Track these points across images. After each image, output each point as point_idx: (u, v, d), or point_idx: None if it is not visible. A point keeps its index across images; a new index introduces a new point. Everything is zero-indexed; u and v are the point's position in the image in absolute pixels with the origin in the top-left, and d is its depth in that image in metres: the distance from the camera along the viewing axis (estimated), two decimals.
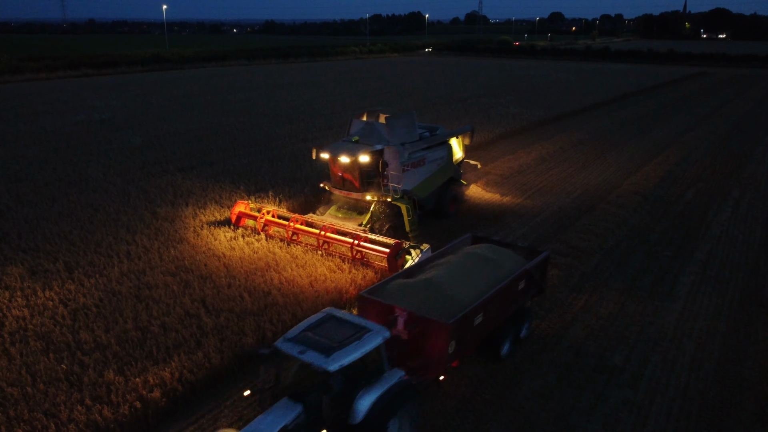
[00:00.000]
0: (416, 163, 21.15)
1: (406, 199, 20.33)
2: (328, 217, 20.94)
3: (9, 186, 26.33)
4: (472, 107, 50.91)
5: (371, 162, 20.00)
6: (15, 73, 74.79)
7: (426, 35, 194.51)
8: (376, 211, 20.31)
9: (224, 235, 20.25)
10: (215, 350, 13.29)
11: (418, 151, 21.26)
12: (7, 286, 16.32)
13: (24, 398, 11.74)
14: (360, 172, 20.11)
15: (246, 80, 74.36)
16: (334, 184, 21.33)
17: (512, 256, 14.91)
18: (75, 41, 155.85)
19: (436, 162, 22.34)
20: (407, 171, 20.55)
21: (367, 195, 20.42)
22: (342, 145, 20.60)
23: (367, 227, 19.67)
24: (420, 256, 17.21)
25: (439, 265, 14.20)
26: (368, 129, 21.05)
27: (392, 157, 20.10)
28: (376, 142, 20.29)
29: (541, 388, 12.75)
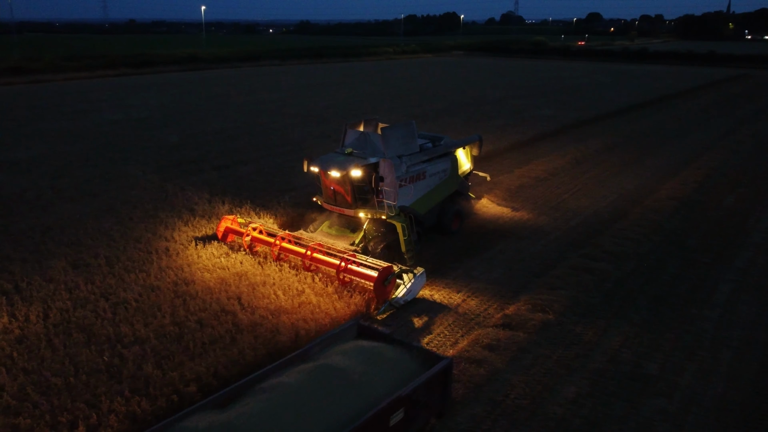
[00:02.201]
0: (415, 176, 19.50)
1: (402, 216, 18.54)
2: (319, 234, 19.56)
3: (51, 182, 27.18)
4: (505, 109, 50.59)
5: (364, 176, 18.39)
6: (58, 72, 76.92)
7: (460, 36, 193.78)
8: (369, 230, 18.97)
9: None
10: (250, 347, 13.54)
11: (417, 163, 19.69)
12: (51, 279, 16.89)
13: (67, 388, 12.14)
14: (352, 187, 18.54)
15: (279, 80, 75.20)
16: (326, 199, 19.75)
17: (396, 366, 11.19)
18: (115, 41, 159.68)
19: (438, 175, 20.65)
20: (404, 186, 18.92)
21: (360, 212, 18.80)
22: (333, 158, 19.02)
23: (359, 247, 18.46)
24: (413, 281, 16.36)
25: (262, 392, 10.09)
26: (363, 140, 19.44)
27: (388, 170, 18.36)
28: (371, 155, 18.69)
29: (573, 394, 12.66)
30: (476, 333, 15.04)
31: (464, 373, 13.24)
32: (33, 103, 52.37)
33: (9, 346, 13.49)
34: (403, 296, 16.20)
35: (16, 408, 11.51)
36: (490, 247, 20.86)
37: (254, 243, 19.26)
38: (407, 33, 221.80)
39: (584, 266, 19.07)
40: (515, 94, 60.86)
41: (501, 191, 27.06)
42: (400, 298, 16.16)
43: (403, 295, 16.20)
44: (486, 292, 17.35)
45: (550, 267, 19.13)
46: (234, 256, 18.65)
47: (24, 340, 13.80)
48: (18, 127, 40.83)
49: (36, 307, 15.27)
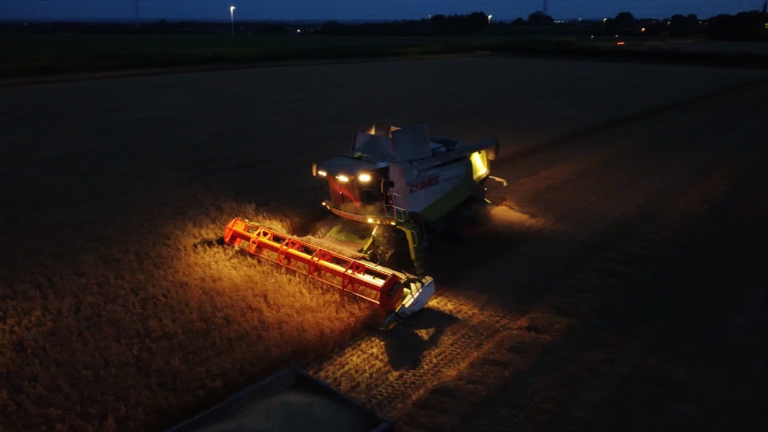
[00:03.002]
0: (427, 182, 19.01)
1: (411, 223, 18.08)
2: (327, 240, 18.98)
3: (81, 179, 27.80)
4: (529, 110, 50.20)
5: (372, 181, 17.94)
6: (89, 71, 78.52)
7: (486, 36, 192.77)
8: (378, 236, 18.51)
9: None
10: (275, 344, 13.70)
11: (429, 168, 19.14)
12: (83, 273, 17.29)
13: (97, 380, 12.44)
14: (360, 192, 18.16)
15: (303, 80, 75.67)
16: (335, 203, 19.35)
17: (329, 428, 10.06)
18: (145, 41, 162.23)
19: (450, 180, 20.15)
20: (415, 191, 18.47)
21: (369, 218, 18.37)
22: (341, 162, 18.53)
23: (367, 253, 17.98)
24: (420, 291, 15.81)
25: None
26: (372, 144, 18.95)
27: (398, 175, 17.97)
28: (380, 159, 18.20)
29: (598, 398, 12.55)
30: (501, 335, 15.00)
31: (488, 374, 13.23)
32: (65, 102, 53.54)
33: (42, 338, 13.86)
34: (410, 306, 15.63)
35: (48, 398, 11.84)
36: (508, 252, 20.63)
37: (260, 248, 18.82)
38: (434, 33, 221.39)
39: (610, 269, 18.88)
40: (541, 95, 60.36)
41: (523, 194, 26.90)
42: (407, 308, 15.58)
43: (410, 305, 15.62)
44: (500, 300, 16.99)
45: (575, 270, 18.96)
46: (261, 253, 18.84)
47: (56, 333, 14.17)
48: (50, 124, 41.81)
49: (68, 301, 15.66)
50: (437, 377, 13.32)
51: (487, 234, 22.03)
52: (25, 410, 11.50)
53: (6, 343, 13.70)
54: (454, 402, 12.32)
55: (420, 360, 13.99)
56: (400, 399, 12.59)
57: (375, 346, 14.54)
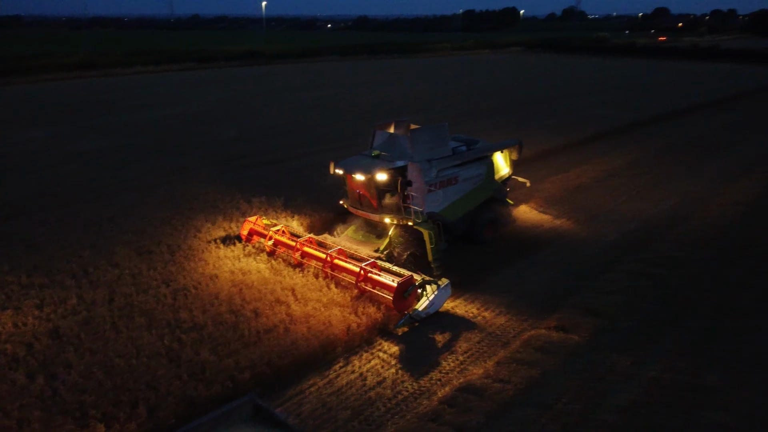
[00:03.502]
0: (446, 181, 18.66)
1: (429, 223, 17.75)
2: (344, 239, 18.92)
3: (115, 173, 28.45)
4: (561, 107, 49.51)
5: (389, 180, 17.69)
6: (126, 66, 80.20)
7: (518, 31, 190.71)
8: (395, 236, 18.20)
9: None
10: (302, 338, 13.86)
11: (448, 168, 18.78)
12: (117, 265, 17.71)
13: (129, 369, 12.74)
14: (377, 191, 17.92)
15: (334, 76, 75.97)
16: (352, 202, 19.18)
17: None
18: (179, 37, 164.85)
19: (471, 180, 19.73)
20: (433, 191, 18.20)
21: (386, 217, 18.10)
22: (358, 161, 18.41)
23: (383, 253, 17.71)
24: (436, 294, 15.47)
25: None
26: (391, 142, 18.66)
27: (416, 175, 17.69)
28: (398, 158, 17.92)
29: (627, 402, 12.34)
30: (528, 334, 14.88)
31: (515, 374, 13.14)
32: (101, 97, 54.79)
33: (77, 327, 14.26)
34: (425, 309, 15.26)
35: (82, 385, 12.18)
36: (535, 252, 20.41)
37: (276, 246, 18.73)
38: (465, 29, 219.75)
39: (641, 271, 18.53)
40: (574, 93, 59.48)
41: (552, 193, 26.61)
42: (422, 311, 15.23)
43: (425, 307, 15.27)
44: (527, 300, 16.80)
45: (605, 271, 18.66)
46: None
47: (90, 322, 14.57)
48: (87, 119, 42.86)
49: (102, 291, 16.07)
50: (463, 375, 13.28)
51: (511, 235, 21.82)
52: (60, 396, 11.86)
53: (43, 330, 14.14)
54: (480, 400, 12.27)
55: (447, 357, 13.97)
56: (426, 396, 12.60)
57: (402, 342, 14.57)
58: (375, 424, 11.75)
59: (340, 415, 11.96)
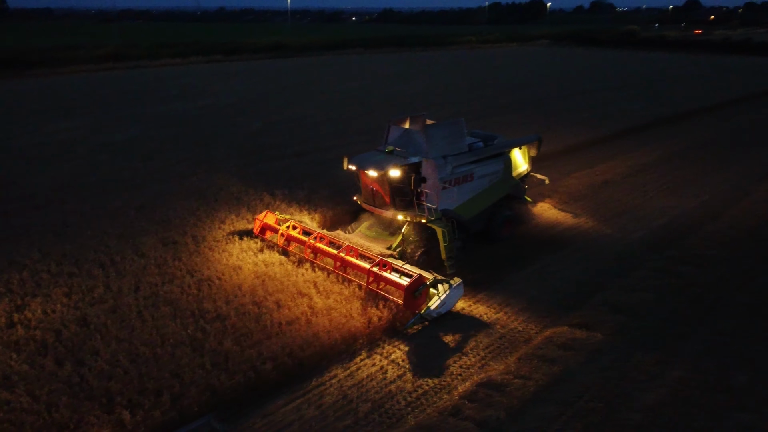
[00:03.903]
0: (461, 178, 18.36)
1: (443, 221, 17.42)
2: (357, 235, 18.54)
3: (144, 163, 28.86)
4: (589, 102, 48.72)
5: (403, 177, 17.46)
6: (153, 58, 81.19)
7: (545, 24, 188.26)
8: (408, 234, 17.89)
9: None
10: (324, 330, 13.93)
11: (464, 164, 18.46)
12: (143, 254, 17.99)
13: (154, 357, 12.95)
14: (390, 187, 17.68)
15: (360, 68, 75.90)
16: (365, 199, 19.01)
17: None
18: (206, 29, 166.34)
19: (487, 177, 19.35)
20: (447, 188, 17.88)
21: (399, 214, 17.86)
22: (372, 156, 18.11)
23: (396, 251, 17.35)
24: (447, 293, 15.12)
25: None
26: (406, 138, 18.39)
27: (430, 171, 17.46)
28: (413, 154, 17.64)
29: (652, 402, 12.15)
30: (551, 331, 14.73)
31: (537, 370, 13.03)
32: (130, 88, 55.60)
33: (104, 315, 14.53)
34: (436, 308, 14.98)
35: (108, 372, 12.42)
36: (560, 248, 20.20)
37: (289, 241, 18.56)
38: (491, 21, 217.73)
39: (669, 269, 18.20)
40: (602, 87, 58.47)
41: (578, 189, 26.25)
42: (433, 310, 14.94)
43: (436, 307, 14.98)
44: (551, 296, 16.63)
45: (632, 268, 18.37)
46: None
47: (117, 310, 14.83)
48: (117, 110, 43.54)
49: (128, 280, 16.34)
50: (484, 371, 13.22)
51: (533, 232, 21.57)
52: (87, 383, 12.11)
53: (71, 318, 14.44)
54: (502, 396, 12.21)
55: (468, 353, 13.91)
56: (446, 390, 12.57)
57: (424, 337, 14.55)
58: (395, 417, 11.77)
59: (361, 407, 12.01)
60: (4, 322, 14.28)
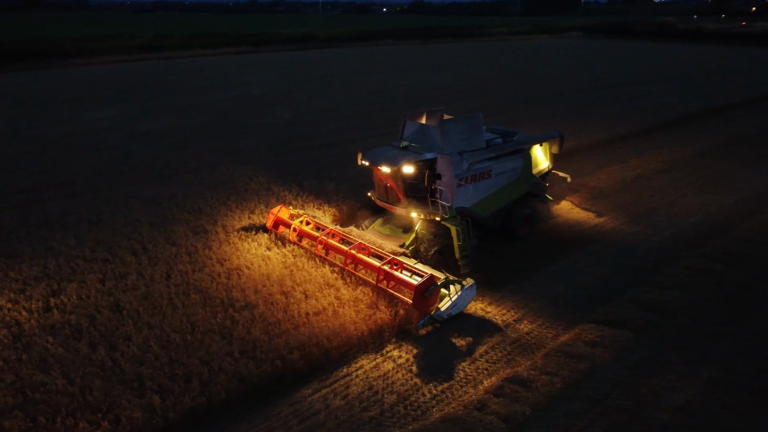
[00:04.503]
0: (478, 175, 17.83)
1: (458, 219, 16.90)
2: (370, 232, 18.23)
3: (176, 153, 29.31)
4: (622, 95, 47.77)
5: (417, 173, 17.06)
6: (185, 49, 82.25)
7: (579, 16, 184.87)
8: (421, 232, 17.48)
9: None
10: (350, 321, 14.03)
11: (481, 161, 17.90)
12: (174, 243, 18.32)
13: (184, 344, 13.20)
14: (404, 184, 17.31)
15: (389, 60, 75.70)
16: (379, 195, 18.62)
17: None
18: (237, 20, 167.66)
19: (506, 174, 18.82)
20: (463, 185, 17.37)
21: (413, 211, 17.47)
22: (386, 152, 17.74)
23: (409, 249, 16.97)
24: (459, 294, 14.74)
25: None
26: (421, 133, 17.98)
27: (446, 168, 16.98)
28: (427, 150, 17.26)
29: (681, 401, 11.96)
30: (578, 327, 14.58)
31: (564, 366, 12.93)
32: (163, 78, 56.45)
33: (136, 301, 14.86)
34: (447, 310, 14.64)
35: (140, 357, 12.71)
36: (589, 244, 19.95)
37: (301, 237, 18.35)
38: (523, 13, 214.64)
39: (702, 267, 17.81)
40: (636, 80, 57.24)
41: (610, 184, 25.83)
42: (443, 311, 14.61)
43: (447, 308, 14.64)
44: (579, 292, 16.48)
45: (663, 265, 18.03)
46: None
47: (149, 297, 15.14)
48: (149, 100, 44.29)
49: (160, 268, 16.66)
50: (510, 366, 13.17)
51: (562, 227, 21.35)
52: (119, 367, 12.42)
53: (104, 303, 14.80)
54: (528, 392, 12.14)
55: (494, 347, 13.87)
56: (472, 384, 12.57)
57: (451, 330, 14.54)
58: (420, 409, 11.82)
59: (387, 399, 12.08)
60: (41, 305, 14.72)
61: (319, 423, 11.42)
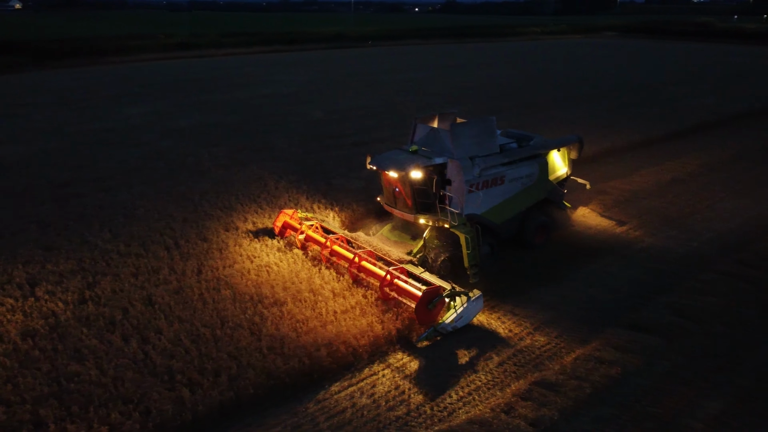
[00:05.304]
0: (490, 181, 17.07)
1: (467, 226, 16.21)
2: (378, 238, 17.81)
3: (208, 150, 29.70)
4: (659, 97, 46.75)
5: (425, 178, 16.48)
6: (219, 47, 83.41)
7: (615, 15, 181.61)
8: (430, 239, 17.01)
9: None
10: (377, 320, 14.06)
11: (494, 166, 17.18)
12: (206, 239, 18.59)
13: (213, 339, 13.39)
14: (412, 189, 16.66)
15: (420, 59, 75.50)
16: (387, 200, 18.08)
17: None
18: (270, 19, 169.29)
19: (520, 180, 18.03)
20: (473, 192, 16.60)
21: (421, 218, 16.91)
22: (394, 156, 17.13)
23: (416, 257, 16.56)
24: (465, 306, 14.20)
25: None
26: (432, 137, 17.36)
27: (456, 173, 16.37)
28: (438, 154, 16.62)
29: (715, 410, 11.68)
30: (609, 332, 14.34)
31: (593, 372, 12.73)
32: (197, 76, 57.29)
33: (168, 296, 15.12)
34: (452, 322, 14.14)
35: (171, 351, 12.94)
36: (624, 247, 19.62)
37: (308, 242, 17.99)
38: (558, 12, 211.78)
39: (739, 273, 17.36)
40: (673, 81, 55.95)
41: (644, 186, 25.33)
42: (448, 324, 14.12)
43: (452, 320, 14.15)
44: (608, 296, 16.24)
45: (698, 271, 17.64)
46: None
47: (180, 292, 15.40)
48: (184, 97, 44.99)
49: (191, 263, 16.93)
50: (539, 370, 13.02)
51: (594, 230, 21.03)
52: (151, 359, 12.66)
53: (137, 297, 15.10)
54: (556, 396, 12.00)
55: (522, 351, 13.74)
56: (499, 387, 12.47)
57: (477, 332, 14.45)
58: (447, 410, 11.77)
59: (413, 399, 12.07)
60: (76, 297, 15.09)
61: (346, 421, 11.47)
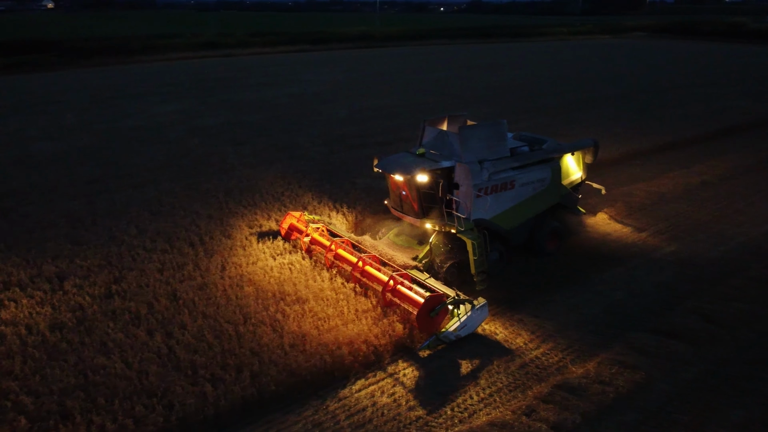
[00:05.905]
0: (500, 185, 16.54)
1: (474, 232, 15.79)
2: (384, 242, 17.47)
3: (234, 148, 30.04)
4: (687, 98, 45.82)
5: (431, 182, 16.15)
6: (245, 47, 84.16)
7: (644, 15, 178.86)
8: (436, 244, 16.54)
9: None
10: (399, 320, 14.04)
11: (504, 170, 16.61)
12: (230, 236, 18.79)
13: (236, 335, 13.52)
14: (419, 193, 16.34)
15: (445, 59, 75.23)
16: (393, 204, 17.78)
17: None
18: (296, 19, 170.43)
19: (531, 185, 17.43)
20: (481, 196, 16.12)
21: (427, 222, 16.62)
22: (400, 159, 16.85)
23: (422, 263, 16.19)
24: (468, 315, 13.84)
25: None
26: (440, 140, 16.93)
27: (464, 177, 15.92)
28: (445, 158, 16.25)
29: (742, 419, 11.43)
30: (632, 336, 14.11)
31: (617, 376, 12.55)
32: (223, 76, 57.93)
33: (192, 292, 15.32)
34: (455, 331, 13.76)
35: (194, 346, 13.10)
36: (652, 250, 19.30)
37: (313, 245, 17.72)
38: (585, 12, 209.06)
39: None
40: (704, 82, 54.79)
41: (672, 189, 24.89)
42: (451, 332, 13.74)
43: (455, 329, 13.77)
44: (634, 299, 15.99)
45: (728, 276, 17.25)
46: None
47: (204, 288, 15.59)
48: (211, 96, 45.54)
49: (216, 260, 17.13)
50: (561, 373, 12.89)
51: (621, 233, 20.71)
52: (175, 354, 12.84)
53: (162, 292, 15.32)
54: (579, 400, 11.85)
55: (546, 353, 13.61)
56: (521, 389, 12.37)
57: (499, 332, 14.36)
58: (468, 412, 11.72)
59: (434, 399, 12.03)
60: (103, 291, 15.38)
61: (366, 419, 11.49)
